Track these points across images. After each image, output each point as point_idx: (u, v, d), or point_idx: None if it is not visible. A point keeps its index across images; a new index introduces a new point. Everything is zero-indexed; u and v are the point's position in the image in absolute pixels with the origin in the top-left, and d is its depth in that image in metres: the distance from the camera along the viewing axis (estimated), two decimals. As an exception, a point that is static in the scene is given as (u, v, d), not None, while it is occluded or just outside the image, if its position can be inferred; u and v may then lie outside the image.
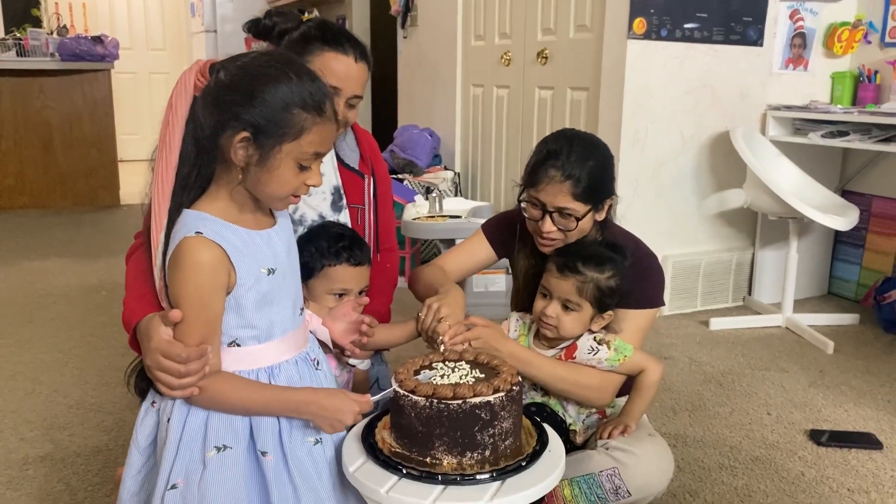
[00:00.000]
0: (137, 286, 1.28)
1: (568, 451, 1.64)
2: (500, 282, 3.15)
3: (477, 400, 1.17)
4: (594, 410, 1.70)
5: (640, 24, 2.96)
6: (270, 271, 1.20)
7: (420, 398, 1.18)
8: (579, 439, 1.70)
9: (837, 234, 3.57)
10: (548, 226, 1.60)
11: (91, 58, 5.32)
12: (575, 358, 1.60)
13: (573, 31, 3.40)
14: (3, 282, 3.66)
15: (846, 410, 2.39)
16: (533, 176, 1.60)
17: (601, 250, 1.59)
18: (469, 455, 1.18)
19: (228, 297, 1.17)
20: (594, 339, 1.60)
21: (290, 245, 1.30)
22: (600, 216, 1.65)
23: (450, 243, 3.16)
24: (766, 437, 2.21)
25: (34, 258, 4.09)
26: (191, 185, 1.17)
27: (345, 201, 1.73)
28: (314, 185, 1.21)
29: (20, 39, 5.33)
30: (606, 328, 1.65)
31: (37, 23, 6.25)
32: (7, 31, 5.94)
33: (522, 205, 1.64)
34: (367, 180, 1.77)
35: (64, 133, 5.43)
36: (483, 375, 1.26)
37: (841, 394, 2.51)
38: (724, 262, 3.40)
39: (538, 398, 1.66)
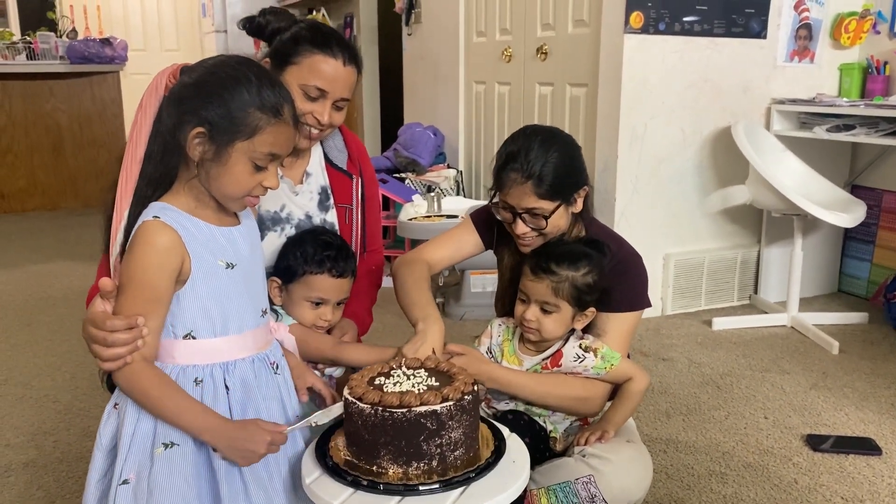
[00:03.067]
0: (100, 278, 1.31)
1: (548, 459, 1.61)
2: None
3: (422, 409, 1.13)
4: (577, 417, 1.66)
5: (636, 18, 2.90)
6: (229, 265, 1.22)
7: (365, 406, 1.15)
8: (559, 447, 1.66)
9: (847, 230, 3.47)
10: (520, 227, 1.57)
11: (100, 60, 5.37)
12: (561, 366, 1.56)
13: (571, 25, 3.34)
14: (6, 284, 3.69)
15: (847, 414, 2.31)
16: (498, 180, 1.57)
17: (574, 247, 1.55)
18: (415, 465, 1.15)
19: (185, 286, 1.18)
20: (580, 346, 1.56)
21: (255, 246, 1.30)
22: (575, 209, 1.61)
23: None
24: (761, 442, 2.14)
25: (39, 260, 4.13)
26: (156, 182, 1.19)
27: (332, 201, 1.73)
28: (271, 188, 1.22)
29: (30, 43, 5.38)
30: (589, 330, 1.60)
31: (52, 26, 6.31)
32: (23, 34, 6.01)
33: (495, 209, 1.62)
34: (355, 180, 1.77)
35: (74, 135, 5.48)
36: (438, 384, 1.23)
37: (843, 396, 2.44)
38: (729, 260, 3.33)
39: (521, 405, 1.62)
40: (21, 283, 3.71)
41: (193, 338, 1.20)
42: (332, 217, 1.72)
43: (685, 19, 2.98)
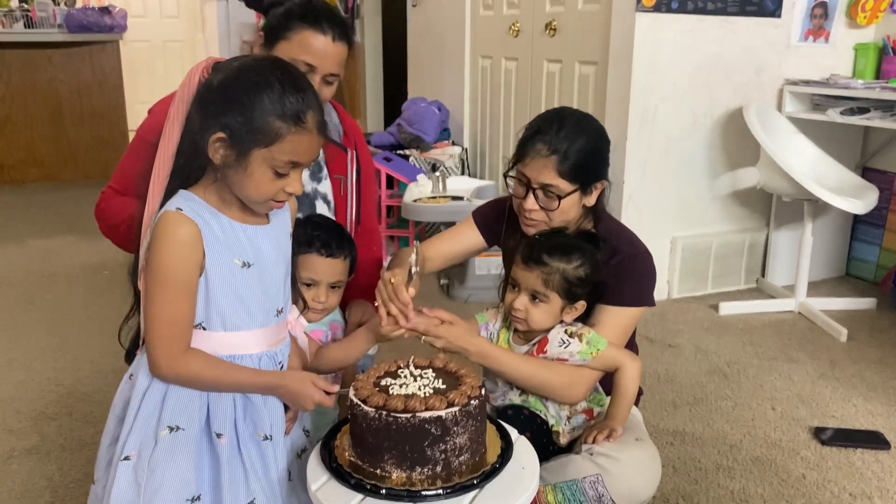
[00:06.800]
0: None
1: (552, 454, 1.59)
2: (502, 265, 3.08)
3: (427, 414, 1.12)
4: (580, 410, 1.63)
5: (649, -3, 2.82)
6: (245, 264, 1.22)
7: (370, 409, 1.14)
8: (563, 441, 1.64)
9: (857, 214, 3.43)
10: (530, 203, 1.55)
11: (98, 29, 5.27)
12: (546, 351, 1.54)
13: (581, 2, 3.26)
14: (7, 260, 3.66)
15: (855, 405, 2.29)
16: (521, 150, 1.56)
17: (568, 239, 1.53)
18: (419, 470, 1.14)
19: (199, 279, 1.20)
20: (565, 331, 1.54)
21: (280, 245, 1.30)
22: (589, 201, 1.59)
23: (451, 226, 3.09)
24: (769, 434, 2.13)
25: (40, 236, 4.09)
26: (185, 180, 1.21)
27: (325, 172, 1.75)
28: (293, 193, 1.23)
29: (27, 11, 5.28)
30: (584, 321, 1.58)
31: (51, -8, 6.17)
32: (21, 1, 5.89)
33: (509, 181, 1.60)
34: (350, 153, 1.80)
35: (74, 105, 5.40)
36: (444, 387, 1.21)
37: (851, 387, 2.42)
38: (737, 244, 3.29)
39: (517, 399, 1.61)
40: (22, 259, 3.68)
41: (204, 329, 1.22)
42: (325, 188, 1.74)
43: (698, -3, 2.90)
